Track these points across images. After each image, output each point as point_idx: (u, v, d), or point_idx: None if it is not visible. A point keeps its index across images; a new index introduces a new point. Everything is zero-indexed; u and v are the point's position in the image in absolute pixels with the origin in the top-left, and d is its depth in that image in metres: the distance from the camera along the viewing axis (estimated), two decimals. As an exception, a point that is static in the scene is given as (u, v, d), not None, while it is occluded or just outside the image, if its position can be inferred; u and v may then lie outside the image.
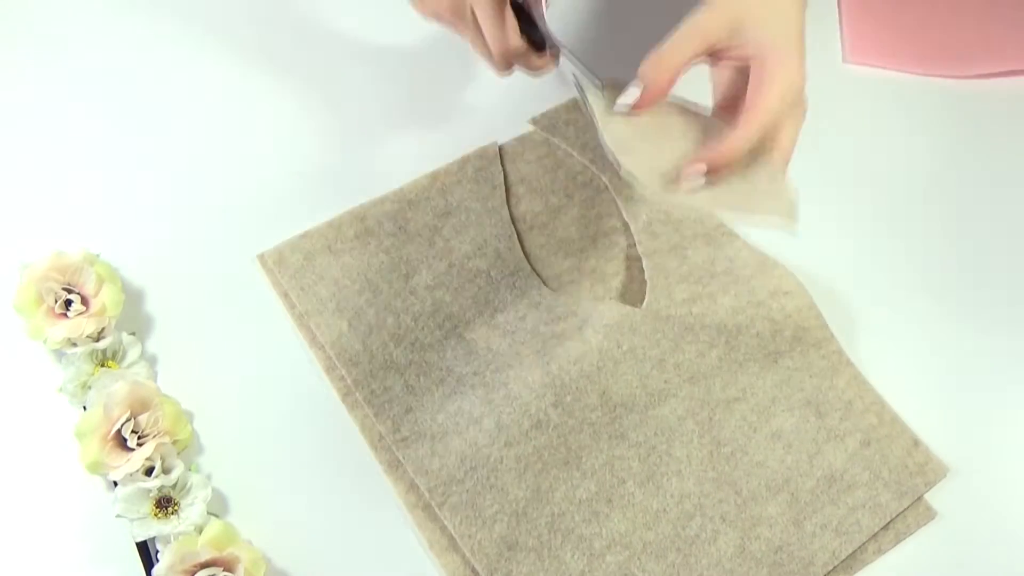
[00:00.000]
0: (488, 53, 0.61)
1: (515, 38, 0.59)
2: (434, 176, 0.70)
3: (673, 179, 0.53)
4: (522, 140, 0.72)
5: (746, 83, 0.56)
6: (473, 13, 0.59)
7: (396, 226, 0.67)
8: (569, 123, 0.73)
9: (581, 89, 0.57)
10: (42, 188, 0.69)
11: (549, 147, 0.72)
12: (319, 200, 0.68)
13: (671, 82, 0.55)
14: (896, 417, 0.62)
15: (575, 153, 0.72)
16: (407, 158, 0.71)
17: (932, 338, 0.66)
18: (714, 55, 0.56)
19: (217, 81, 0.74)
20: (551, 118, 0.73)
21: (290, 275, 0.65)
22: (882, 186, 0.72)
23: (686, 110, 0.58)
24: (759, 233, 0.68)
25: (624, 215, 0.69)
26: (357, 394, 0.61)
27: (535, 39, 0.61)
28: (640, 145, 0.55)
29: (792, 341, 0.64)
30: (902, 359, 0.64)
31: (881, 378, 0.63)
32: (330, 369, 0.62)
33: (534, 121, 0.73)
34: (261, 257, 0.66)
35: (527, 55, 0.60)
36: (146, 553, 0.56)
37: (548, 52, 0.62)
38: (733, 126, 0.54)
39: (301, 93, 0.74)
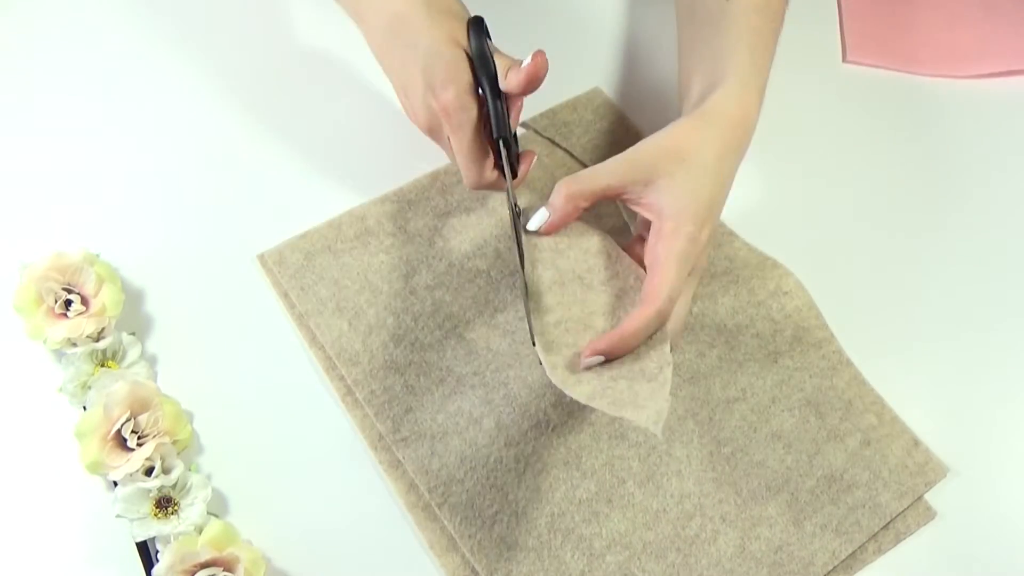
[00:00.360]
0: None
1: (488, 175, 0.59)
2: (434, 176, 0.70)
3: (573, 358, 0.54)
4: (521, 142, 0.72)
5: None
6: (450, 139, 0.59)
7: (396, 226, 0.67)
8: (568, 124, 0.73)
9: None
10: (42, 188, 0.68)
11: (548, 147, 0.72)
12: (319, 200, 0.68)
13: (578, 212, 0.56)
14: (896, 417, 0.62)
15: (574, 154, 0.72)
16: (407, 158, 0.71)
17: (932, 338, 0.66)
18: (625, 200, 0.57)
19: (217, 81, 0.74)
20: (548, 119, 0.73)
21: (290, 275, 0.65)
22: (882, 186, 0.72)
23: (608, 254, 0.58)
24: (759, 233, 0.68)
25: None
26: (357, 394, 0.61)
27: (513, 166, 0.59)
28: (558, 299, 0.56)
29: (792, 341, 0.64)
30: (902, 359, 0.65)
31: (881, 378, 0.63)
32: (330, 369, 0.62)
33: (525, 125, 0.73)
34: (261, 257, 0.66)
35: (497, 184, 0.59)
36: (146, 553, 0.56)
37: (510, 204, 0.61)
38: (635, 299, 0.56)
39: (301, 93, 0.74)
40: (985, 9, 0.79)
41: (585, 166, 0.71)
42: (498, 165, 0.59)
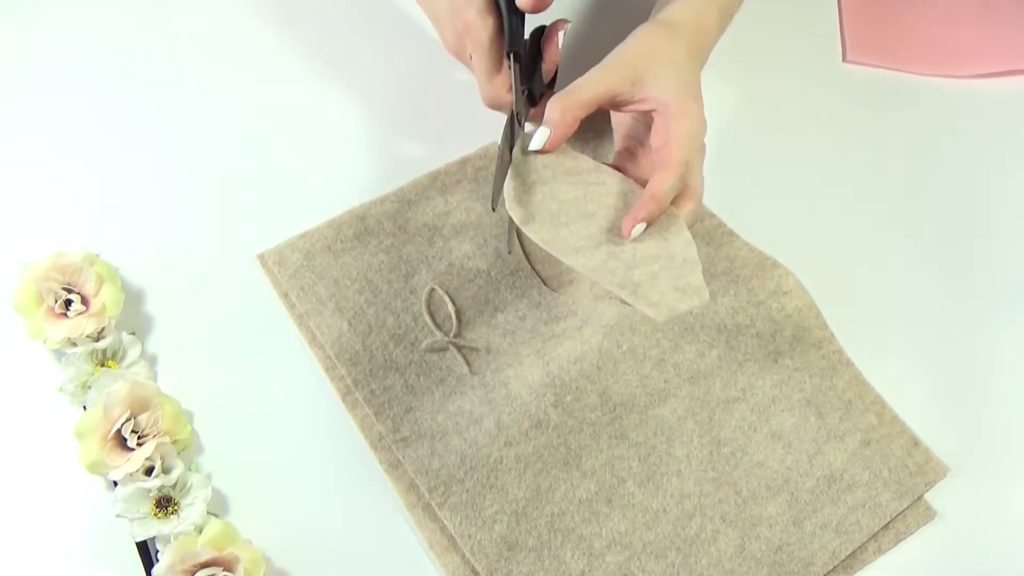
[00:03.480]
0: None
1: (500, 92, 0.64)
2: (434, 176, 0.70)
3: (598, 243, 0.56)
4: (520, 141, 0.72)
5: (646, 130, 0.61)
6: (472, 57, 0.63)
7: (396, 226, 0.67)
8: None
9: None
10: (42, 188, 0.68)
11: None
12: (319, 200, 0.68)
13: (576, 123, 0.59)
14: (896, 417, 0.62)
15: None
16: (407, 158, 0.71)
17: (932, 338, 0.66)
18: (616, 105, 0.61)
19: (217, 81, 0.74)
20: None
21: (290, 275, 0.65)
22: (882, 185, 0.72)
23: (599, 169, 0.61)
24: (759, 233, 0.68)
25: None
26: (357, 393, 0.61)
27: (532, 91, 0.64)
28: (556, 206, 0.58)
29: (792, 341, 0.64)
30: (902, 359, 0.64)
31: (881, 378, 0.63)
32: (330, 369, 0.62)
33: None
34: (261, 257, 0.66)
35: (518, 105, 0.63)
36: (146, 553, 0.56)
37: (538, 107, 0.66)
38: (638, 176, 0.60)
39: (301, 95, 0.74)
40: (985, 9, 0.79)
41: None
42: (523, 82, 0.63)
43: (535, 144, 0.59)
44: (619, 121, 0.64)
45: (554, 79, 0.67)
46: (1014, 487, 0.60)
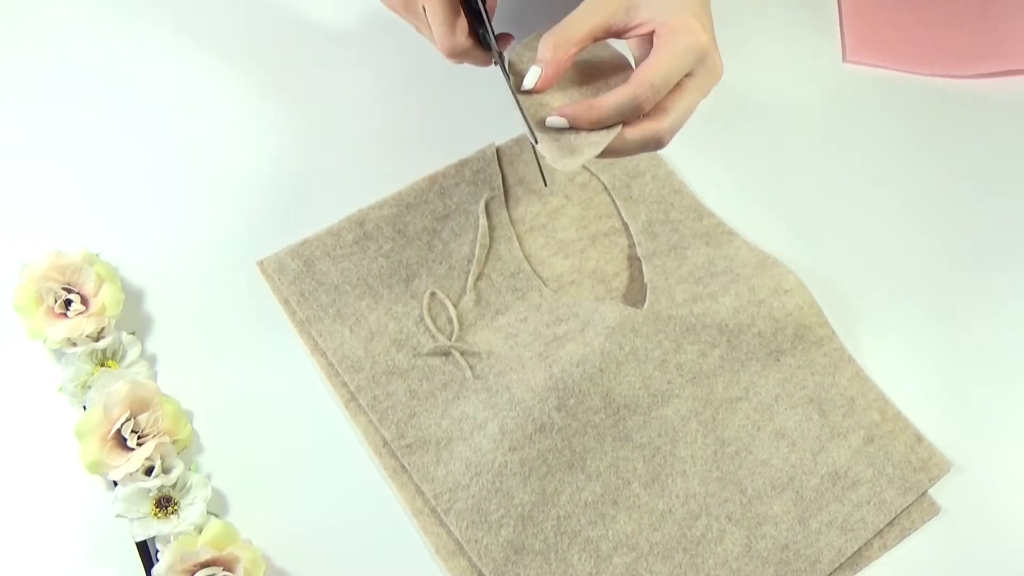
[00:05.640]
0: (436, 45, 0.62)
1: (461, 38, 0.60)
2: (432, 179, 0.69)
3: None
4: (519, 141, 0.72)
5: None
6: (425, 9, 0.59)
7: (395, 230, 0.67)
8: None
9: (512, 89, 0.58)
10: (42, 188, 0.68)
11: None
12: (318, 204, 0.68)
13: (569, 60, 0.56)
14: (898, 413, 0.62)
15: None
16: (405, 162, 0.70)
17: (933, 333, 0.66)
18: (613, 35, 0.58)
19: (217, 84, 0.74)
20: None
21: (290, 281, 0.65)
22: (881, 184, 0.72)
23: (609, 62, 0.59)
24: (759, 232, 0.68)
25: (623, 215, 0.69)
26: (360, 400, 0.61)
27: (485, 38, 0.61)
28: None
29: (793, 339, 0.64)
30: (903, 355, 0.65)
31: (882, 374, 0.63)
32: (332, 376, 0.62)
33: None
34: (261, 264, 0.65)
35: (473, 53, 0.60)
36: (146, 553, 0.56)
37: (494, 52, 0.62)
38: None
39: (301, 97, 0.74)
40: (985, 9, 0.79)
41: (583, 166, 0.71)
42: (472, 31, 0.59)
43: (527, 84, 0.57)
44: (633, 50, 0.60)
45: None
46: (1017, 480, 0.61)
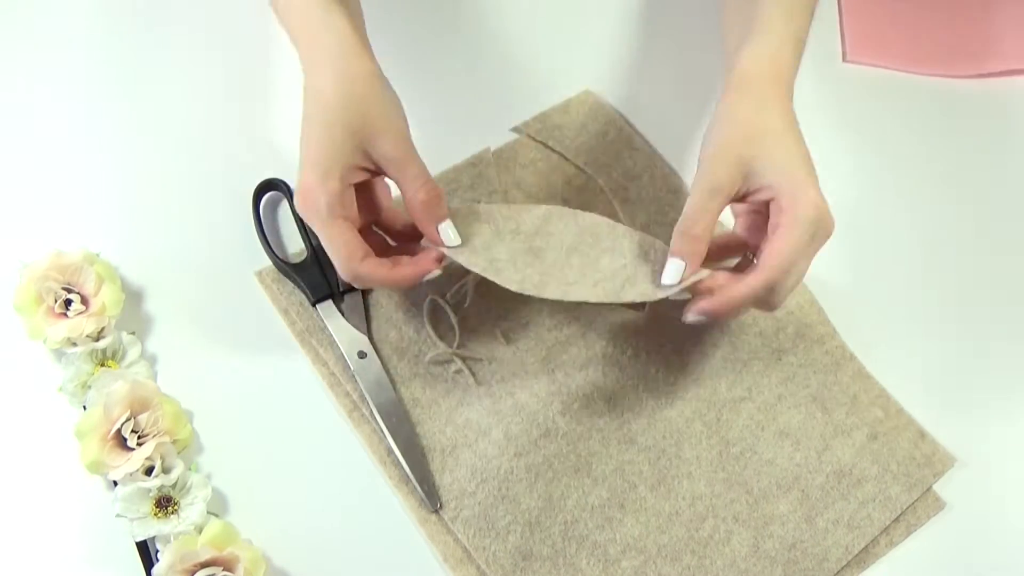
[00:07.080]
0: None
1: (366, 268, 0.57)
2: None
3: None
4: (515, 145, 0.72)
5: (765, 219, 0.55)
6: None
7: (393, 237, 0.67)
8: (560, 127, 0.72)
9: None
10: (42, 188, 0.68)
11: (542, 151, 0.72)
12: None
13: (706, 247, 0.55)
14: (901, 409, 0.62)
15: (568, 156, 0.71)
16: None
17: (932, 330, 0.66)
18: (743, 202, 0.57)
19: (218, 85, 0.74)
20: (541, 122, 0.73)
21: (289, 291, 0.64)
22: (881, 184, 0.72)
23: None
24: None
25: (622, 218, 0.68)
26: (363, 409, 0.60)
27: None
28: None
29: (795, 338, 0.64)
30: (904, 352, 0.65)
31: (884, 371, 0.64)
32: (334, 385, 0.61)
33: (516, 129, 0.72)
34: (259, 274, 0.65)
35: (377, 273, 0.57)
36: (146, 553, 0.56)
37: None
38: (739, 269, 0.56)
39: (300, 100, 0.74)
40: (986, 8, 0.79)
41: (579, 168, 0.71)
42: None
43: (670, 280, 0.55)
44: (739, 219, 0.60)
45: None
46: (1020, 474, 0.61)
